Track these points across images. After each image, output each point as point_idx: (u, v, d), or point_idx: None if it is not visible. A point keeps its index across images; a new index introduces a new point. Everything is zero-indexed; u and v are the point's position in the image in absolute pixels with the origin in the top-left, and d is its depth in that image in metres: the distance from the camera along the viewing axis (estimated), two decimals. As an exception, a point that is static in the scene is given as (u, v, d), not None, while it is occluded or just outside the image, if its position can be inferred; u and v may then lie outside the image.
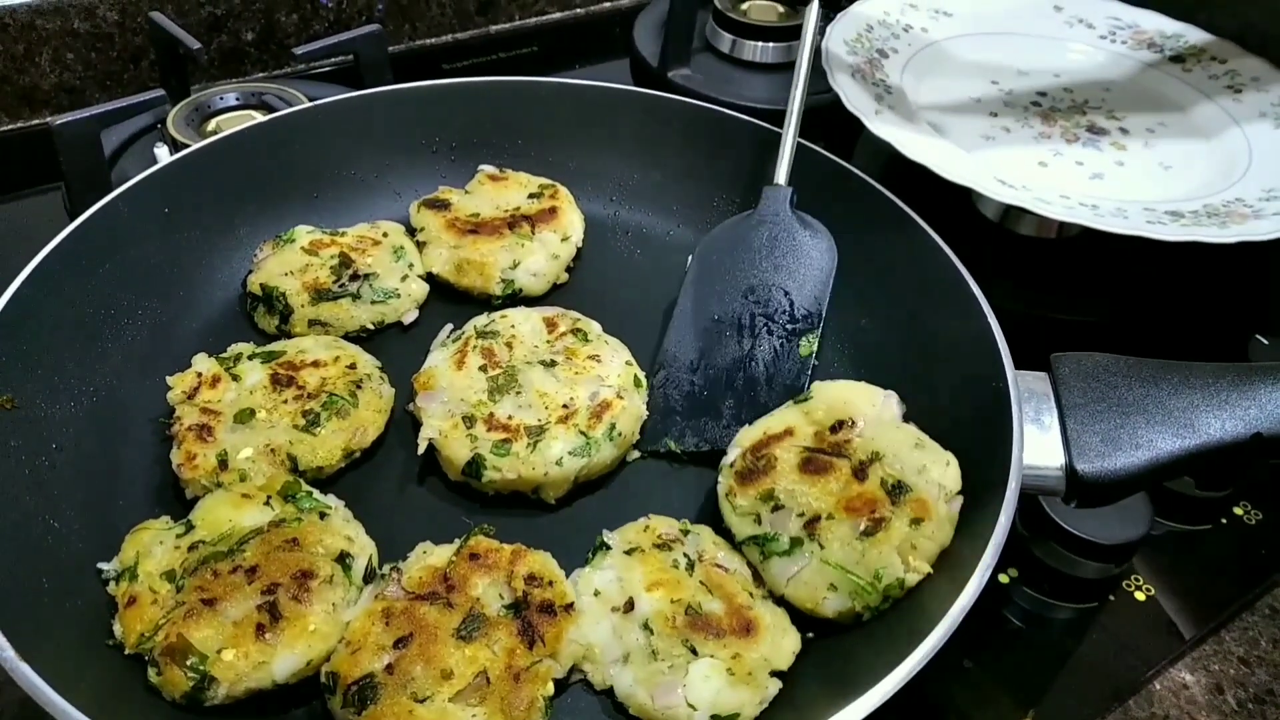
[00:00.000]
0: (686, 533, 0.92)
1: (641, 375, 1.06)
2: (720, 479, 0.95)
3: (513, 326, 1.07)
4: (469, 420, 0.98)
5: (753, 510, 0.90)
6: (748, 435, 0.96)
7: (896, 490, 0.88)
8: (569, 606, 0.85)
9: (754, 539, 0.89)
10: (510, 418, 0.98)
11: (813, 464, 0.91)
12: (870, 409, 0.95)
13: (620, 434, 0.99)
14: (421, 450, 0.97)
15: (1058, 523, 1.01)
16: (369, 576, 0.87)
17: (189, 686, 0.78)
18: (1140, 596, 1.04)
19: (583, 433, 0.97)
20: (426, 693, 0.78)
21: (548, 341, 1.07)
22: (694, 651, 0.82)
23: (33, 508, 0.89)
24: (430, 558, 0.87)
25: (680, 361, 1.09)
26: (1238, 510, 1.13)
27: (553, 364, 1.03)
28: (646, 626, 0.84)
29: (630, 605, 0.85)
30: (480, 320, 1.09)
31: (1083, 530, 1.00)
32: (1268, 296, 1.38)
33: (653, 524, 0.92)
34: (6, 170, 1.47)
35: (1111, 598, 1.03)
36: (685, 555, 0.89)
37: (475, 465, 0.95)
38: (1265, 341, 1.22)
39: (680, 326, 1.12)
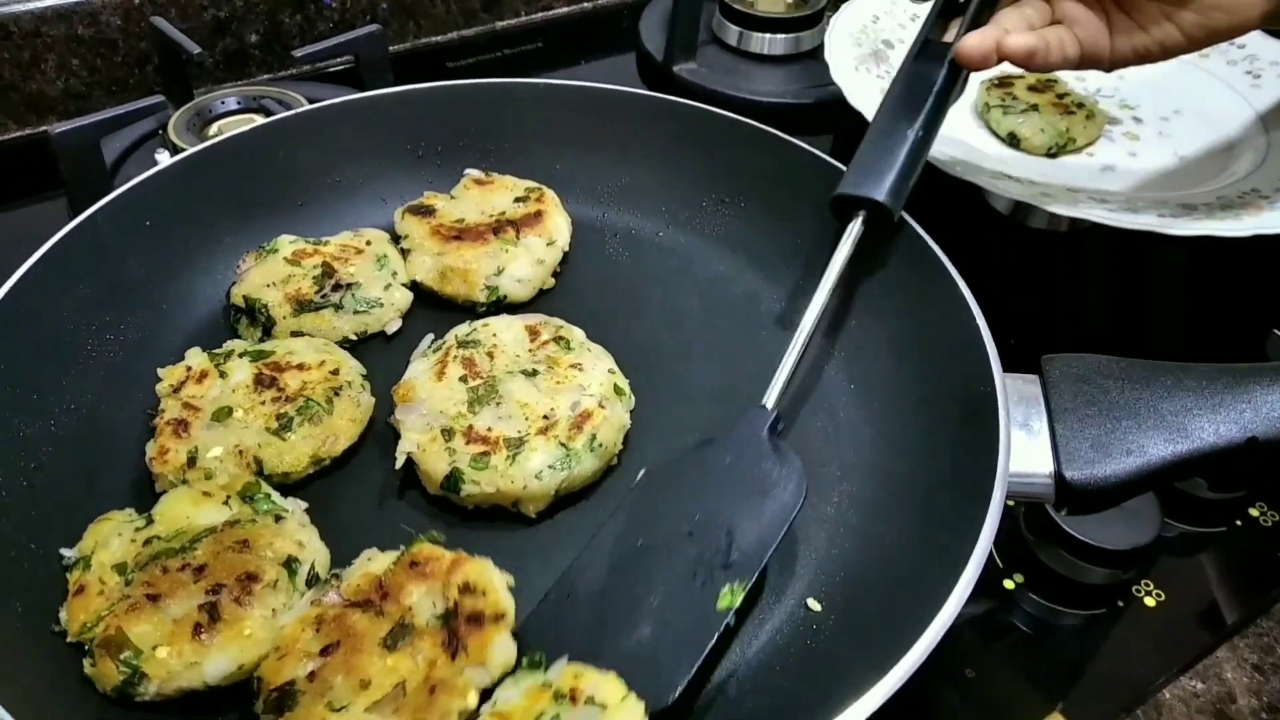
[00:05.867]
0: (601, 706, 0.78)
1: (624, 384, 1.04)
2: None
3: (494, 335, 1.06)
4: (448, 433, 0.96)
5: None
6: None
7: None
8: (500, 617, 0.81)
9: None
10: (489, 429, 0.96)
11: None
12: None
13: (601, 445, 0.97)
14: (399, 464, 0.96)
15: (1064, 528, 0.99)
16: (311, 582, 0.86)
17: (120, 680, 0.78)
18: (1150, 602, 1.01)
19: (563, 444, 0.95)
20: (343, 702, 0.77)
21: (530, 350, 1.05)
22: None
23: (10, 531, 0.89)
24: (372, 565, 0.86)
25: (577, 593, 0.87)
26: (1253, 512, 1.10)
27: (534, 373, 1.02)
28: None
29: None
30: (462, 329, 1.07)
31: (1090, 536, 0.98)
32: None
33: (583, 682, 0.79)
34: (15, 178, 1.48)
35: (1120, 604, 1.01)
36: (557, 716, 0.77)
37: (453, 479, 0.94)
38: (1285, 338, 1.20)
39: (595, 550, 0.90)
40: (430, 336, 1.08)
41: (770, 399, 0.96)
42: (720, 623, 0.83)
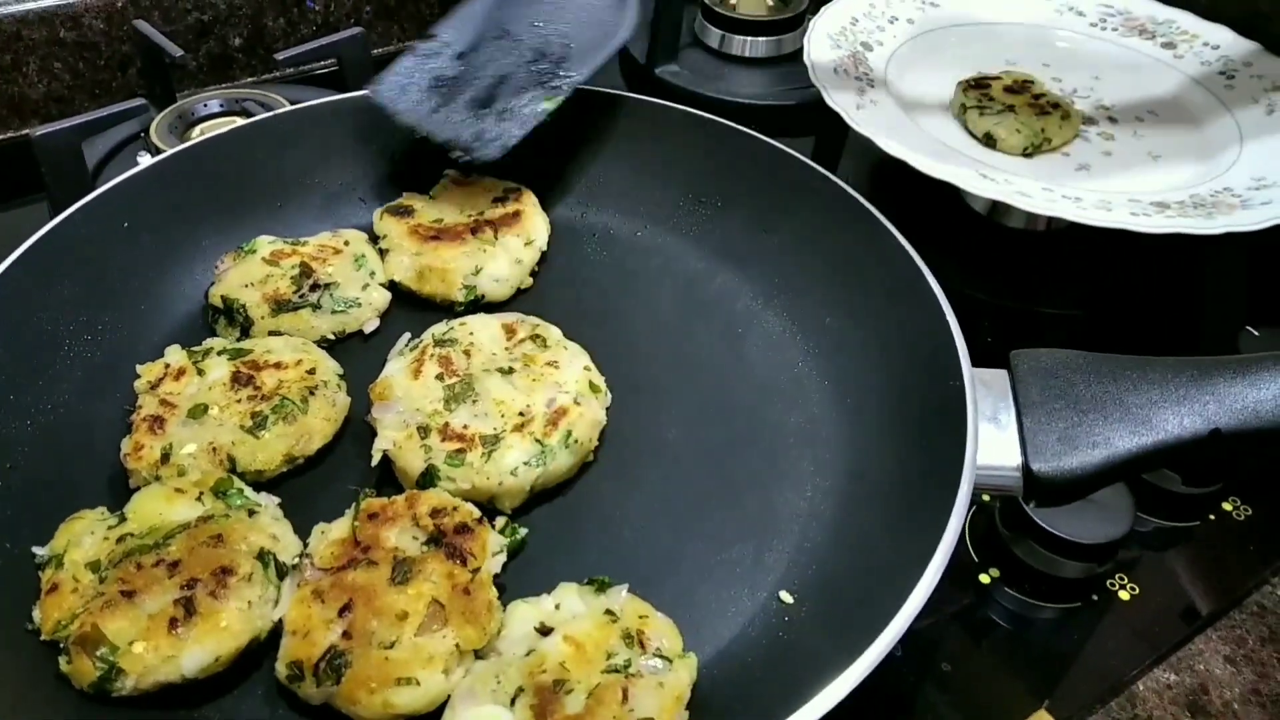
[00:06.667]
0: (667, 659, 0.83)
1: (600, 380, 1.05)
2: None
3: (471, 334, 1.06)
4: (424, 430, 0.97)
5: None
6: None
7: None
8: (479, 519, 0.90)
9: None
10: (466, 427, 0.97)
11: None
12: None
13: (577, 441, 0.97)
14: (375, 462, 0.97)
15: (1037, 522, 1.00)
16: (282, 572, 0.87)
17: (96, 676, 0.79)
18: (1125, 596, 1.02)
19: (538, 441, 0.96)
20: (391, 638, 0.80)
21: (506, 348, 1.05)
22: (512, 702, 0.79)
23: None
24: (331, 533, 0.89)
25: (451, 46, 1.14)
26: (1226, 506, 1.11)
27: (510, 371, 1.02)
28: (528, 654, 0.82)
29: (545, 631, 0.84)
30: (438, 329, 1.08)
31: (1063, 530, 0.99)
32: (1259, 288, 1.35)
33: (649, 627, 0.85)
34: (-5, 181, 1.48)
35: (1095, 597, 1.02)
36: (629, 661, 0.82)
37: (429, 476, 0.94)
38: (1256, 333, 1.21)
39: (469, 13, 1.13)
40: (407, 335, 1.09)
41: None
42: (538, 119, 1.13)
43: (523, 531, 0.94)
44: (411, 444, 0.96)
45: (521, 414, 0.98)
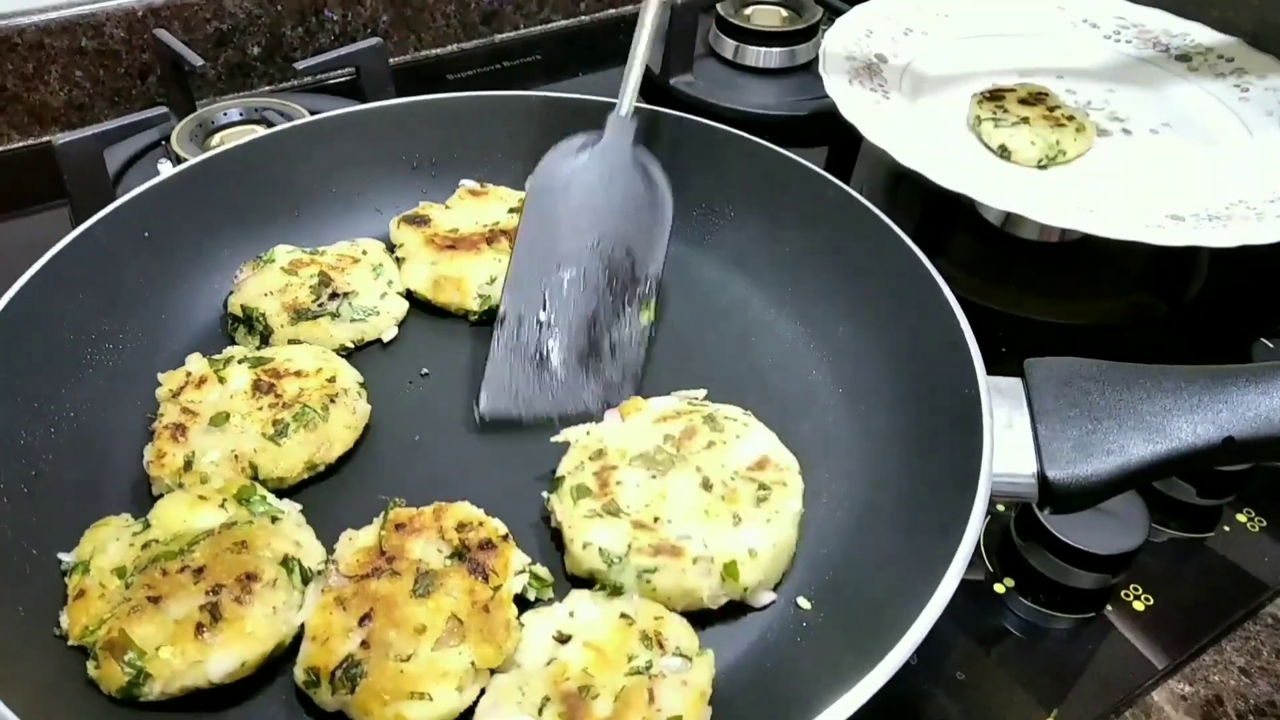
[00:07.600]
0: (686, 657, 0.84)
1: (749, 574, 0.89)
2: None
3: (736, 437, 0.98)
4: (600, 453, 0.95)
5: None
6: None
7: None
8: (505, 537, 0.90)
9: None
10: (610, 497, 0.92)
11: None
12: None
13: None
14: (557, 440, 0.99)
15: (1052, 532, 1.00)
16: (306, 577, 0.88)
17: (124, 681, 0.79)
18: (1139, 606, 1.02)
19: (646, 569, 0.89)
20: (408, 651, 0.80)
21: (737, 472, 0.95)
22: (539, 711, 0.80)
23: (11, 537, 0.89)
24: (358, 541, 0.89)
25: (524, 316, 1.06)
26: (1240, 517, 1.11)
27: (710, 488, 0.93)
28: (549, 663, 0.83)
29: (563, 639, 0.84)
30: (726, 410, 1.02)
31: (1077, 540, 0.99)
32: (1274, 299, 1.35)
33: (665, 627, 0.86)
34: (17, 187, 1.49)
35: (1109, 607, 1.02)
36: (650, 662, 0.83)
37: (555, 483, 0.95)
38: (1270, 345, 1.21)
39: (523, 272, 1.06)
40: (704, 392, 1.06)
41: (625, 106, 1.11)
42: (646, 337, 1.09)
43: (548, 594, 0.91)
44: (576, 461, 0.96)
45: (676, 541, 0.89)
